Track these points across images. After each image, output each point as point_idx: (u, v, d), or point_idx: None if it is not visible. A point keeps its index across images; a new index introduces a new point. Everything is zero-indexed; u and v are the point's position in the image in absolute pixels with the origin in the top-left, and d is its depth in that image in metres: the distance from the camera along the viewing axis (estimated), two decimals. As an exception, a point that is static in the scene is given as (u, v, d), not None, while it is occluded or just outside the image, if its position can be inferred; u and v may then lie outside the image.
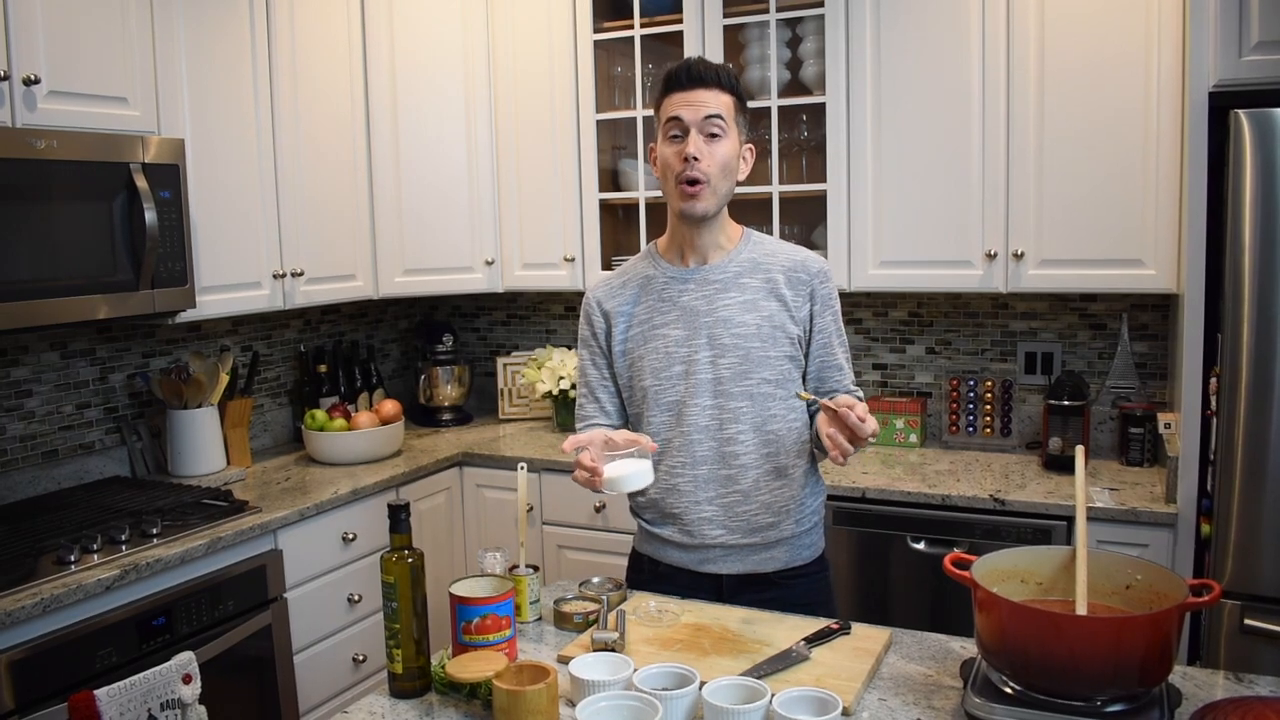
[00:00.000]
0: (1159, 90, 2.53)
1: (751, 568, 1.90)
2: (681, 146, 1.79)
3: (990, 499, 2.55)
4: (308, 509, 2.65)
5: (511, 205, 3.43)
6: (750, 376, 1.85)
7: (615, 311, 1.95)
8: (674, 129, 1.80)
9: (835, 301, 1.93)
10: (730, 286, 1.88)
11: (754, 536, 1.88)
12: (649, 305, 1.92)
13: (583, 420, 1.98)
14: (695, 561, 1.91)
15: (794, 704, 1.35)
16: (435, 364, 3.65)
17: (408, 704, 1.54)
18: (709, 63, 1.83)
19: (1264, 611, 2.21)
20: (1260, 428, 2.18)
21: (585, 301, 2.01)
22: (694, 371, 1.86)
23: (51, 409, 2.72)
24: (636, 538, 2.03)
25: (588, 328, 1.99)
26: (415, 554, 1.57)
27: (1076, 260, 2.68)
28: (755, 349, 1.85)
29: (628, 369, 1.93)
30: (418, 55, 3.31)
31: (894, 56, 2.81)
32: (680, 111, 1.79)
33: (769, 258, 1.90)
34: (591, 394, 1.98)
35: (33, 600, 1.99)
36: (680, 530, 1.90)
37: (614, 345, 1.94)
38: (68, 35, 2.33)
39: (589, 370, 1.99)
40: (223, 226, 2.77)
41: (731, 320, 1.86)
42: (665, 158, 1.83)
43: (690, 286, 1.89)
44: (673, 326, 1.89)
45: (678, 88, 1.81)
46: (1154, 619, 1.33)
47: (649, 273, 1.95)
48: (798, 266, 1.89)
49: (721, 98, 1.81)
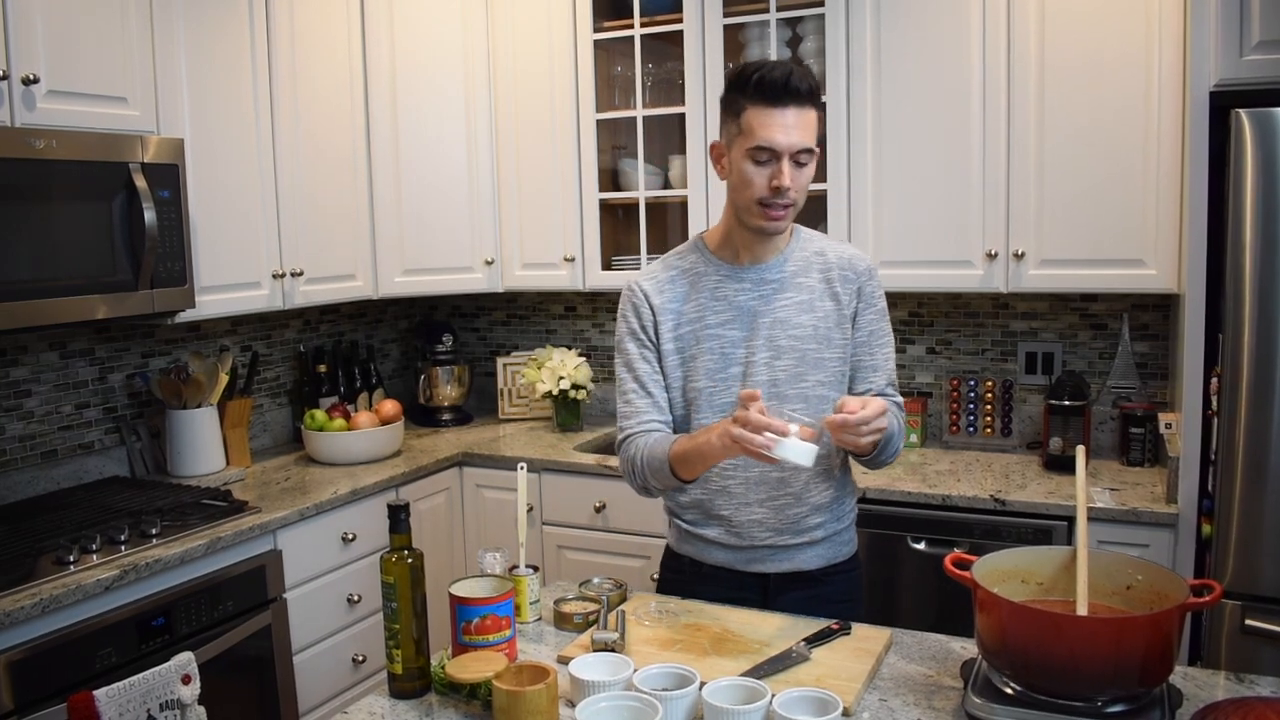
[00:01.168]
0: (1160, 90, 2.53)
1: (797, 565, 1.87)
2: (771, 172, 1.71)
3: (991, 499, 2.55)
4: (307, 509, 2.65)
5: (511, 205, 3.43)
6: (806, 379, 1.81)
7: (663, 307, 1.86)
8: (763, 156, 1.70)
9: (880, 299, 1.89)
10: (787, 286, 1.83)
11: (801, 536, 1.85)
12: (699, 303, 1.85)
13: (634, 416, 1.86)
14: (741, 561, 1.87)
15: (794, 704, 1.35)
16: (435, 364, 3.65)
17: (407, 704, 1.53)
18: (805, 73, 1.71)
19: (1265, 612, 2.21)
20: (1261, 427, 2.18)
21: (630, 293, 1.89)
22: (752, 373, 1.81)
23: (51, 409, 2.72)
24: (674, 538, 1.97)
25: (635, 320, 1.88)
26: (415, 554, 1.56)
27: (1077, 260, 2.68)
28: (811, 351, 1.81)
29: (678, 368, 1.86)
30: (418, 55, 3.31)
31: (894, 56, 2.81)
32: (775, 139, 1.69)
33: (820, 256, 1.86)
34: (643, 388, 1.86)
35: (32, 600, 1.99)
36: (728, 531, 1.86)
37: (662, 343, 1.86)
38: (67, 35, 2.33)
39: (639, 364, 1.87)
40: (222, 226, 2.76)
41: (789, 321, 1.82)
42: (748, 177, 1.73)
43: (746, 285, 1.84)
44: (729, 327, 1.83)
45: (770, 101, 1.69)
46: (1154, 619, 1.32)
47: (700, 269, 1.87)
48: (845, 264, 1.86)
49: (812, 119, 1.72)
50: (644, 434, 1.84)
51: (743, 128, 1.72)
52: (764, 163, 1.71)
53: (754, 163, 1.72)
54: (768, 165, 1.71)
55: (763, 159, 1.71)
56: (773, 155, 1.70)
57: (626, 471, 1.87)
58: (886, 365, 1.89)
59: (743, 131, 1.72)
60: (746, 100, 1.71)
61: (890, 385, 1.88)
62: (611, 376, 3.72)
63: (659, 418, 1.86)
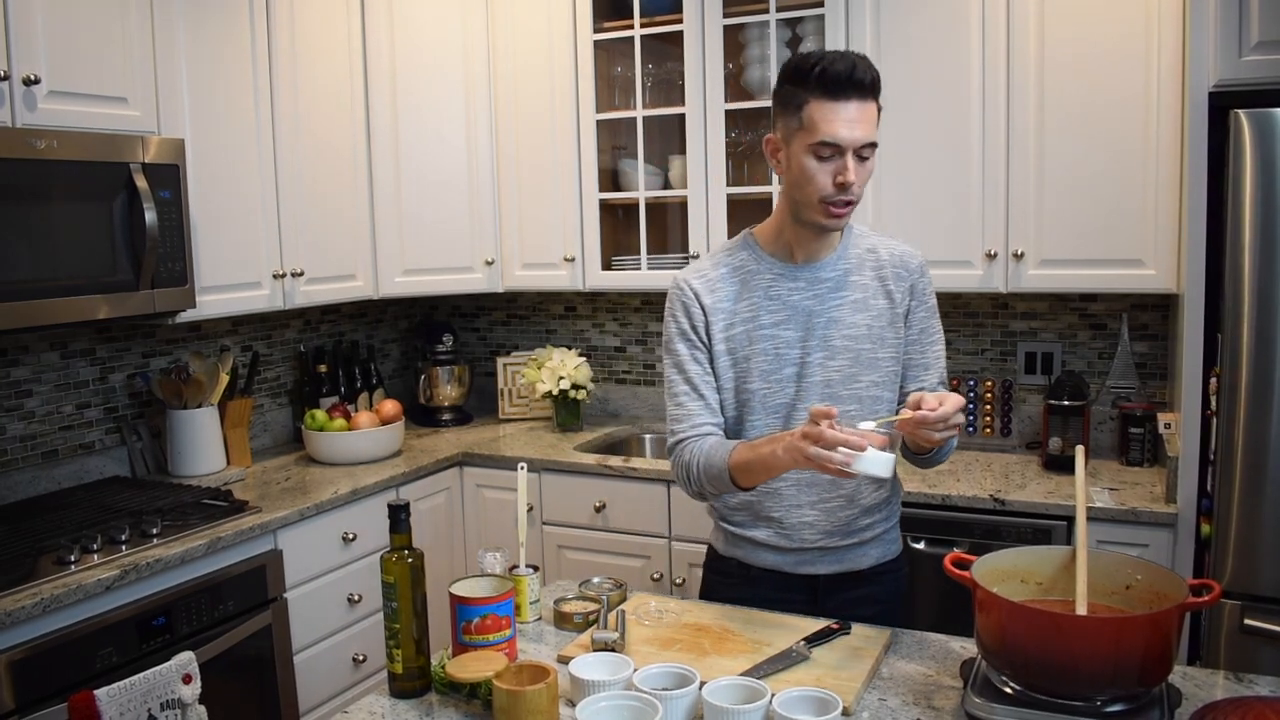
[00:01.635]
0: (1159, 90, 2.53)
1: (846, 566, 1.85)
2: (835, 168, 1.66)
3: (990, 499, 2.55)
4: (308, 509, 2.65)
5: (511, 205, 3.43)
6: (860, 379, 1.79)
7: (714, 307, 1.81)
8: (826, 152, 1.66)
9: (931, 297, 1.87)
10: (842, 285, 1.80)
11: (851, 538, 1.84)
12: (753, 302, 1.80)
13: (686, 420, 1.82)
14: (790, 563, 1.85)
15: (794, 704, 1.35)
16: (435, 364, 3.65)
17: (408, 704, 1.54)
18: (867, 64, 1.67)
19: (1264, 611, 2.21)
20: (1260, 428, 2.18)
21: (680, 291, 1.84)
22: (806, 374, 1.78)
23: (51, 409, 2.72)
24: (720, 541, 1.94)
25: (686, 320, 1.82)
26: (415, 554, 1.56)
27: (1076, 260, 2.68)
28: (865, 351, 1.79)
29: (730, 369, 1.82)
30: (418, 55, 3.31)
31: (894, 57, 2.81)
32: (839, 134, 1.64)
33: (872, 253, 1.83)
34: (695, 391, 1.82)
35: (33, 600, 1.99)
36: (777, 533, 1.83)
37: (713, 343, 1.81)
38: (68, 35, 2.33)
39: (690, 366, 1.82)
40: (223, 226, 2.77)
41: (843, 321, 1.79)
42: (811, 173, 1.68)
43: (800, 285, 1.80)
44: (784, 327, 1.79)
45: (834, 94, 1.64)
46: (1154, 619, 1.33)
47: (751, 266, 1.83)
48: (898, 262, 1.83)
49: (874, 111, 1.69)
50: (698, 439, 1.80)
51: (804, 122, 1.67)
52: (827, 159, 1.66)
53: (816, 159, 1.67)
54: (831, 161, 1.66)
55: (826, 155, 1.66)
56: (836, 151, 1.66)
57: (681, 478, 1.83)
58: (938, 363, 1.86)
59: (804, 126, 1.67)
60: (808, 93, 1.66)
61: (941, 383, 1.86)
62: (611, 377, 3.73)
63: (712, 420, 1.82)
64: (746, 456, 1.69)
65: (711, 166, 3.10)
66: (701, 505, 1.98)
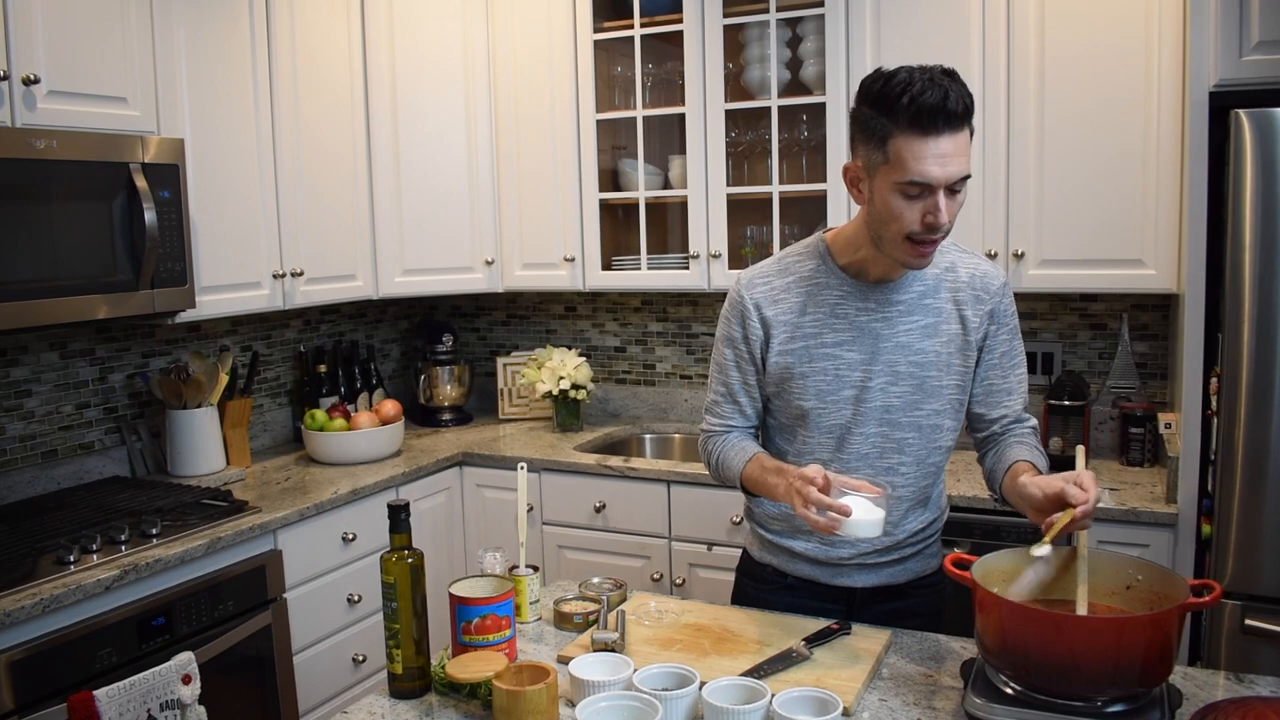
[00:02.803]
0: (1159, 90, 2.53)
1: (885, 580, 1.83)
2: (925, 206, 1.54)
3: (991, 499, 2.54)
4: (308, 509, 2.65)
5: (511, 205, 3.43)
6: (921, 407, 1.73)
7: (776, 320, 1.74)
8: (916, 191, 1.54)
9: (1013, 318, 1.78)
10: (914, 309, 1.71)
11: (890, 555, 1.81)
12: (818, 319, 1.73)
13: (718, 419, 1.84)
14: (828, 575, 1.83)
15: (794, 704, 1.35)
16: (435, 364, 3.65)
17: (408, 704, 1.53)
18: (961, 90, 1.53)
19: (1265, 612, 2.21)
20: (1261, 427, 2.18)
21: (739, 299, 1.77)
22: (865, 399, 1.72)
23: (51, 409, 2.72)
24: (755, 546, 1.92)
25: (740, 329, 1.78)
26: (415, 554, 1.56)
27: (1077, 260, 2.68)
28: (931, 378, 1.72)
29: (783, 383, 1.76)
30: (418, 55, 3.31)
31: (894, 56, 2.80)
32: (930, 173, 1.51)
33: (950, 272, 1.74)
34: (730, 396, 1.82)
35: (32, 600, 1.99)
36: (815, 546, 1.81)
37: (770, 355, 1.76)
38: (68, 35, 2.33)
39: (731, 372, 1.81)
40: (222, 226, 2.77)
41: (911, 346, 1.71)
42: (897, 211, 1.56)
43: (871, 305, 1.71)
44: (847, 348, 1.72)
45: (927, 129, 1.51)
46: (1154, 619, 1.32)
47: (820, 279, 1.74)
48: (977, 283, 1.74)
49: (967, 141, 1.55)
50: (722, 435, 1.84)
51: (890, 157, 1.54)
52: (916, 197, 1.55)
53: (905, 197, 1.55)
54: (920, 200, 1.55)
55: (914, 193, 1.54)
56: (927, 189, 1.54)
57: (705, 463, 1.90)
58: (1020, 388, 1.79)
59: (890, 161, 1.54)
60: (895, 126, 1.53)
61: (1025, 409, 1.80)
62: (611, 376, 3.73)
63: (742, 424, 1.85)
64: (756, 476, 1.73)
65: (711, 166, 3.10)
66: (701, 507, 1.99)
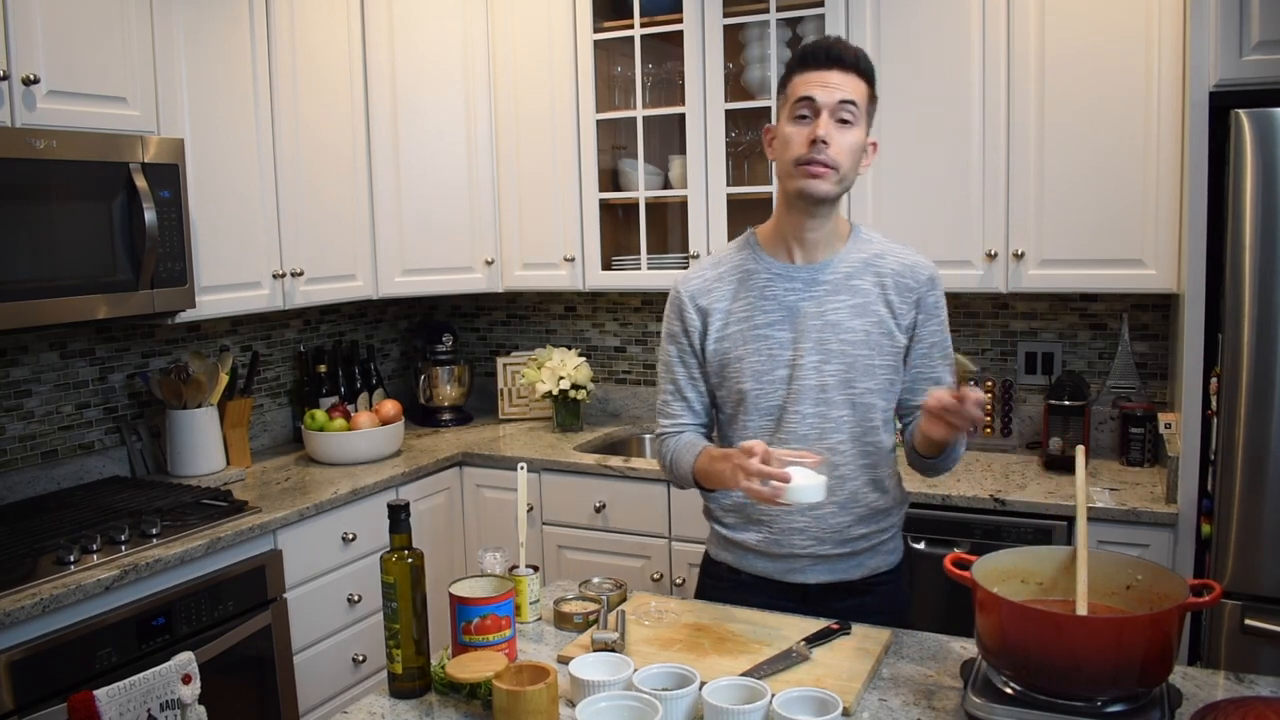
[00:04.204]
0: (1159, 90, 2.53)
1: (839, 576, 1.83)
2: (809, 129, 1.66)
3: (990, 499, 2.55)
4: (307, 509, 2.65)
5: (511, 205, 3.43)
6: (855, 385, 1.76)
7: (711, 308, 1.82)
8: (803, 109, 1.67)
9: (942, 310, 1.83)
10: (841, 288, 1.77)
11: (843, 547, 1.81)
12: (749, 302, 1.80)
13: (669, 419, 1.88)
14: (781, 571, 1.83)
15: (794, 704, 1.35)
16: (435, 364, 3.65)
17: (408, 704, 1.53)
18: (849, 44, 1.72)
19: (1264, 612, 2.21)
20: (1261, 427, 2.18)
21: (675, 295, 1.87)
22: (798, 377, 1.76)
23: (51, 409, 2.72)
24: (712, 544, 1.95)
25: (678, 323, 1.85)
26: (415, 554, 1.56)
27: (1077, 260, 2.68)
28: (862, 357, 1.76)
29: (722, 369, 1.82)
30: (418, 55, 3.31)
31: (894, 57, 2.81)
32: (814, 91, 1.66)
33: (878, 259, 1.80)
34: (679, 393, 1.87)
35: (32, 600, 1.99)
36: (767, 539, 1.82)
37: (708, 344, 1.83)
38: (67, 35, 2.33)
39: (676, 368, 1.87)
40: (222, 226, 2.77)
41: (840, 325, 1.76)
42: (787, 137, 1.69)
43: (797, 285, 1.78)
44: (777, 328, 1.78)
45: (813, 66, 1.68)
46: (1154, 619, 1.32)
47: (749, 266, 1.82)
48: (906, 271, 1.80)
49: (858, 84, 1.69)
50: (675, 434, 1.88)
51: (787, 93, 1.72)
52: (803, 118, 1.68)
53: (795, 121, 1.69)
54: (807, 124, 1.67)
55: (802, 112, 1.68)
56: (812, 110, 1.67)
57: (661, 466, 1.92)
58: (948, 378, 1.83)
59: (787, 97, 1.72)
60: (791, 71, 1.72)
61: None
62: (611, 376, 3.73)
63: (691, 421, 1.89)
64: (706, 468, 1.77)
65: (711, 166, 3.10)
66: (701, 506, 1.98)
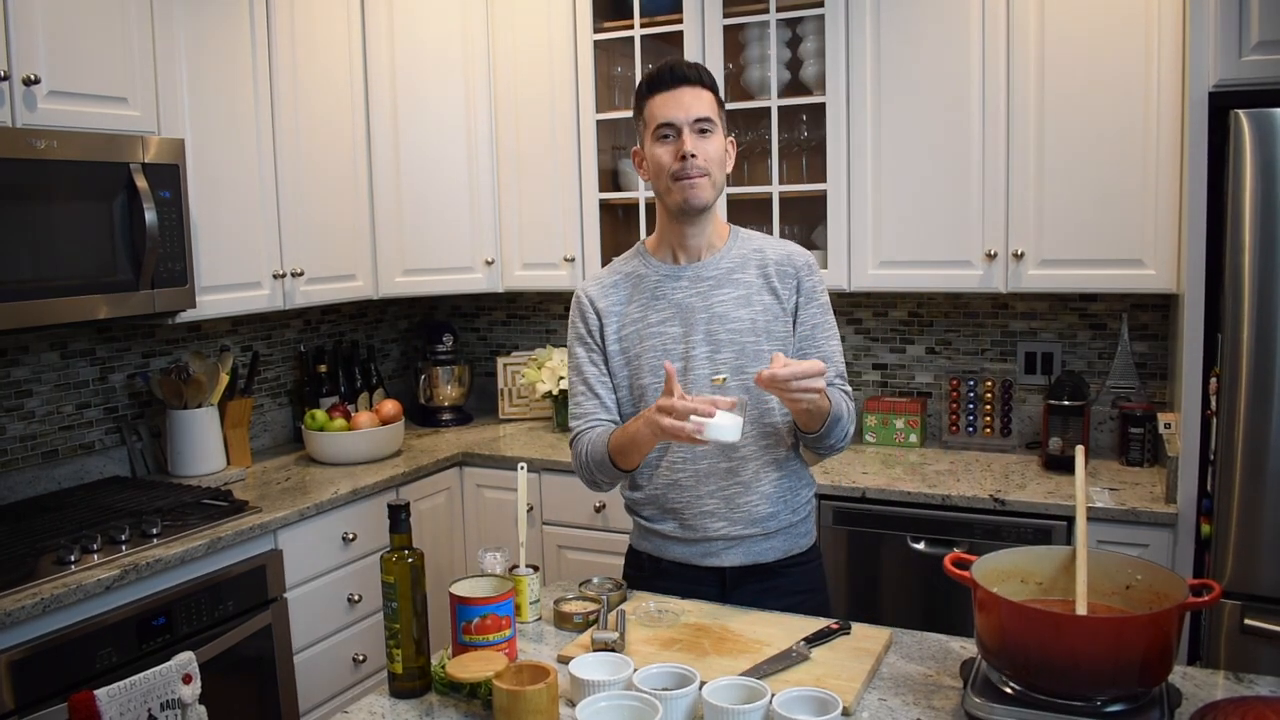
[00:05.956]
0: (1159, 90, 2.53)
1: (753, 558, 1.91)
2: (676, 145, 1.81)
3: (990, 499, 2.55)
4: (308, 509, 2.65)
5: (511, 205, 3.43)
6: (747, 371, 1.84)
7: (607, 310, 1.95)
8: (665, 130, 1.83)
9: (821, 294, 1.94)
10: (724, 282, 1.89)
11: (754, 528, 1.89)
12: (641, 303, 1.93)
13: (583, 418, 1.95)
14: (697, 555, 1.91)
15: (794, 704, 1.35)
16: (435, 364, 3.65)
17: (408, 704, 1.54)
18: (688, 62, 1.88)
19: (1264, 611, 2.21)
20: (1260, 427, 2.18)
21: (577, 298, 1.99)
22: (692, 368, 1.87)
23: (51, 409, 2.72)
24: (634, 535, 2.03)
25: (582, 324, 1.97)
26: (415, 554, 1.56)
27: (1076, 260, 2.68)
28: (750, 344, 1.86)
29: (624, 367, 1.93)
30: (418, 55, 3.31)
31: (894, 56, 2.81)
32: (672, 115, 1.82)
33: (758, 253, 1.93)
34: (591, 391, 1.96)
35: (33, 600, 1.99)
36: (681, 525, 1.91)
37: (608, 344, 1.94)
38: (68, 35, 2.33)
39: (586, 367, 1.96)
40: (223, 226, 2.77)
41: (727, 316, 1.87)
42: (657, 158, 1.84)
43: (683, 283, 1.91)
44: (669, 324, 1.89)
45: (661, 88, 1.84)
46: (1154, 619, 1.33)
47: (640, 271, 1.95)
48: (784, 260, 1.92)
49: (705, 96, 1.84)
50: (589, 430, 1.92)
51: (645, 119, 1.87)
52: (667, 138, 1.83)
53: (660, 143, 1.83)
54: (672, 142, 1.82)
55: (665, 134, 1.83)
56: (673, 130, 1.82)
57: (577, 467, 1.95)
58: (834, 357, 1.92)
59: (646, 123, 1.87)
60: (644, 98, 1.87)
61: (839, 377, 1.92)
62: (611, 376, 3.73)
63: (605, 416, 1.94)
64: (619, 439, 1.83)
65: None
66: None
